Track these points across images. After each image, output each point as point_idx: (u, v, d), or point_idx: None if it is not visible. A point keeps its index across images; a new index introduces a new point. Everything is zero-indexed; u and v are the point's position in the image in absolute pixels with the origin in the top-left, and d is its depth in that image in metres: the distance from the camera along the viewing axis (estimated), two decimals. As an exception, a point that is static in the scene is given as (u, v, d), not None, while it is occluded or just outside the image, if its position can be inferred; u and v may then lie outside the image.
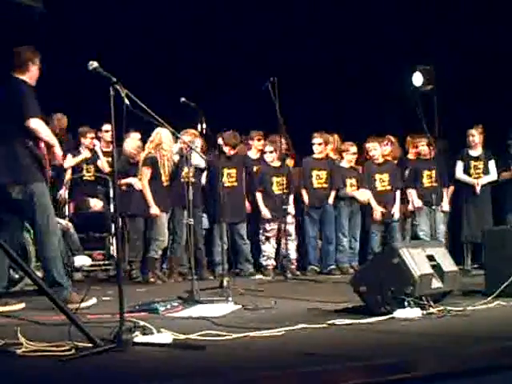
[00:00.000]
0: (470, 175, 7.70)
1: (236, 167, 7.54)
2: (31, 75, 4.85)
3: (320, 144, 7.76)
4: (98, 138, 7.57)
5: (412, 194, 7.91)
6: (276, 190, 7.62)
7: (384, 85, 8.65)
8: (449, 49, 8.79)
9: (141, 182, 6.77)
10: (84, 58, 3.89)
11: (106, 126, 7.40)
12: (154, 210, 6.71)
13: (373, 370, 2.92)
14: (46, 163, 4.78)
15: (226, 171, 7.42)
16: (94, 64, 4.19)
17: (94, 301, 4.68)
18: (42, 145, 4.75)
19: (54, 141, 4.81)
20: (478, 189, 7.62)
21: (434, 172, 7.83)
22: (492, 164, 7.72)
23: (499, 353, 3.20)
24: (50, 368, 2.86)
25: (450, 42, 8.80)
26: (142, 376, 2.79)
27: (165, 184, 6.88)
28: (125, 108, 3.58)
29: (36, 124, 4.68)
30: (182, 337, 3.38)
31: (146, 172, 6.76)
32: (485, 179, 7.68)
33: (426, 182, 7.89)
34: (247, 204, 7.66)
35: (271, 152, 7.63)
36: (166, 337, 3.31)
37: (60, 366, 2.87)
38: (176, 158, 6.95)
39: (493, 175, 7.71)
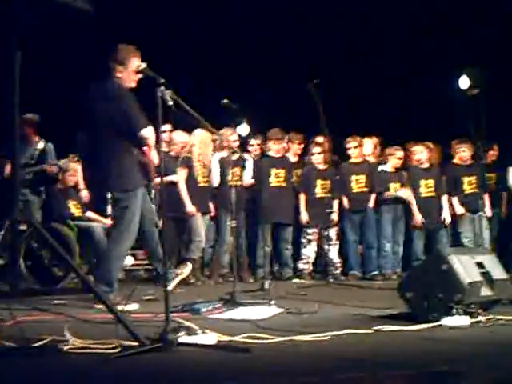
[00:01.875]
0: None
1: (285, 167, 7.45)
2: (124, 78, 4.73)
3: (356, 147, 7.66)
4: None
5: (453, 200, 7.76)
6: (320, 193, 7.52)
7: (429, 87, 8.52)
8: (498, 51, 8.60)
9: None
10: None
11: (164, 127, 7.41)
12: (190, 208, 6.67)
13: (421, 378, 2.85)
14: (152, 168, 4.79)
15: (273, 171, 7.35)
16: (142, 65, 4.22)
17: (135, 306, 4.60)
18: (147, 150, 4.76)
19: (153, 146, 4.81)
20: None
21: (474, 178, 7.67)
22: None
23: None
24: (96, 365, 2.86)
25: (500, 44, 8.61)
26: (187, 376, 2.77)
27: (201, 185, 6.86)
28: (169, 109, 3.60)
29: (149, 133, 4.66)
30: (226, 338, 3.36)
31: (182, 172, 6.77)
32: None
33: (467, 188, 7.73)
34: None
35: (319, 153, 7.52)
36: (210, 338, 3.28)
37: (105, 363, 2.87)
38: (215, 160, 6.92)
39: None
